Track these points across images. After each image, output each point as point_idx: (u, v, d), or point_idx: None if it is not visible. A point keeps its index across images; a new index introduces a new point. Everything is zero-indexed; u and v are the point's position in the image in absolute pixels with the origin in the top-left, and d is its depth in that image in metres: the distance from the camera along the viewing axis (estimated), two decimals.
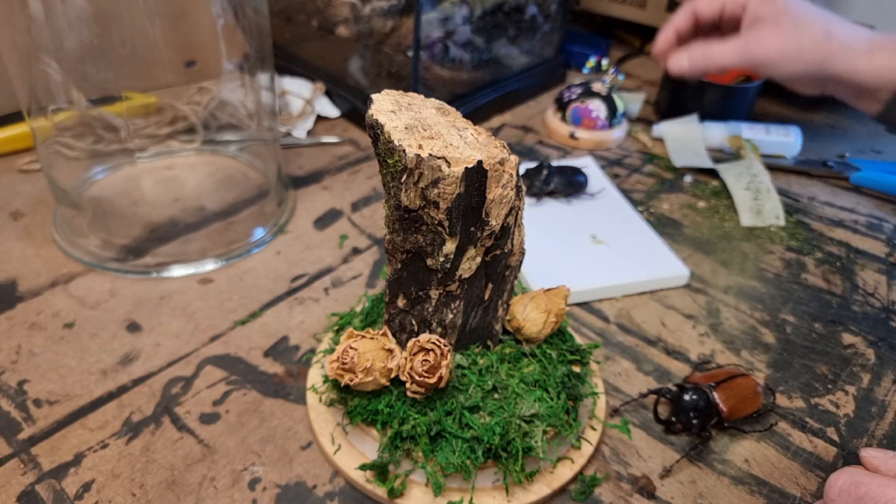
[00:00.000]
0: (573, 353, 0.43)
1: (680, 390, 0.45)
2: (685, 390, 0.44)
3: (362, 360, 0.38)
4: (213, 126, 0.68)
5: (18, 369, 0.46)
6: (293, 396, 0.46)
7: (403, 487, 0.39)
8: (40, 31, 0.50)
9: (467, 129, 0.34)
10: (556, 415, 0.39)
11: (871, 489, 0.31)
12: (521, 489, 0.40)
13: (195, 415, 0.44)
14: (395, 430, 0.38)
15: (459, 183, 0.32)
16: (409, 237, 0.35)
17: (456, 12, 0.74)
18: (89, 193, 0.62)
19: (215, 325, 0.51)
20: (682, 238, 0.64)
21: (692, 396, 0.44)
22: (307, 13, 0.81)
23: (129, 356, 0.48)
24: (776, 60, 0.63)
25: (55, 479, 0.40)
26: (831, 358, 0.52)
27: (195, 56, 0.63)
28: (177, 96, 0.66)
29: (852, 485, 0.31)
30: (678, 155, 0.76)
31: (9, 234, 0.59)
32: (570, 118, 0.79)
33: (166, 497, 0.39)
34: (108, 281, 0.55)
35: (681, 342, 0.52)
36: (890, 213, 0.70)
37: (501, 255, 0.38)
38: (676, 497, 0.41)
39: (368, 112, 0.33)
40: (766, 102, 0.90)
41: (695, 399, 0.44)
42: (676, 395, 0.44)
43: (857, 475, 0.32)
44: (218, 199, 0.63)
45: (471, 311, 0.39)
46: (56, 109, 0.56)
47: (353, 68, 0.79)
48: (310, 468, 0.41)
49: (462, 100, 0.79)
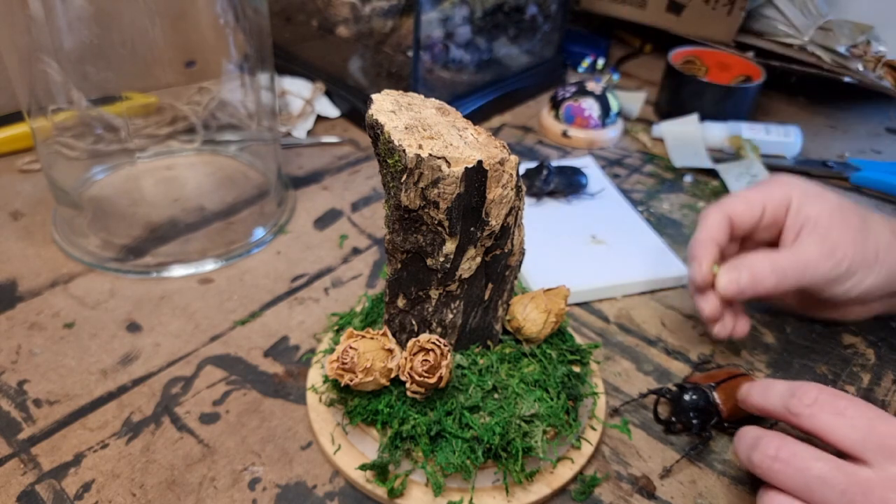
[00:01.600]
0: (573, 353, 0.43)
1: (680, 390, 0.45)
2: (685, 390, 0.44)
3: (362, 360, 0.38)
4: (213, 126, 0.68)
5: (18, 369, 0.46)
6: (293, 396, 0.46)
7: (403, 487, 0.39)
8: (40, 31, 0.50)
9: (467, 129, 0.34)
10: (556, 415, 0.39)
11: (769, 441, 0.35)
12: (521, 489, 0.40)
13: (195, 415, 0.44)
14: (395, 430, 0.38)
15: (459, 183, 0.32)
16: (409, 237, 0.35)
17: (456, 12, 0.74)
18: (89, 193, 0.62)
19: (215, 325, 0.51)
20: (682, 238, 0.64)
21: (692, 396, 0.44)
22: (307, 13, 0.81)
23: (129, 356, 0.48)
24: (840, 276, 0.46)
25: (55, 479, 0.40)
26: (831, 358, 0.52)
27: (195, 56, 0.63)
28: (177, 96, 0.66)
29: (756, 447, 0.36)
30: (678, 155, 0.76)
31: (9, 234, 0.59)
32: (562, 116, 0.79)
33: (166, 497, 0.39)
34: (108, 281, 0.55)
35: (681, 342, 0.52)
36: (890, 213, 0.70)
37: (501, 255, 0.38)
38: (676, 497, 0.41)
39: (368, 112, 0.33)
40: (766, 102, 0.90)
41: (695, 399, 0.44)
42: (676, 395, 0.44)
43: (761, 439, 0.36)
44: (218, 199, 0.63)
45: (471, 311, 0.39)
46: (56, 109, 0.56)
47: (353, 68, 0.79)
48: (310, 468, 0.41)
49: (462, 100, 0.79)
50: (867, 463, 0.33)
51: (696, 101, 0.81)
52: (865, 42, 0.78)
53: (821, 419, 0.35)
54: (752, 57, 0.85)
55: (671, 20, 0.92)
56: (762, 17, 0.85)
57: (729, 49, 0.87)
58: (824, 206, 0.46)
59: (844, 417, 0.34)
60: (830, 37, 0.80)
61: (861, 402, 0.35)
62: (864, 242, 0.46)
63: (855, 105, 0.92)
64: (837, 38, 0.80)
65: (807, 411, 0.35)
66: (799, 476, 0.34)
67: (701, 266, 0.46)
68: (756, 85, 0.80)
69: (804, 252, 0.45)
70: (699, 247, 0.47)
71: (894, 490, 0.31)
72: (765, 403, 0.38)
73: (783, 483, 0.34)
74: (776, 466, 0.34)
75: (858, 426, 0.34)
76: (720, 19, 0.87)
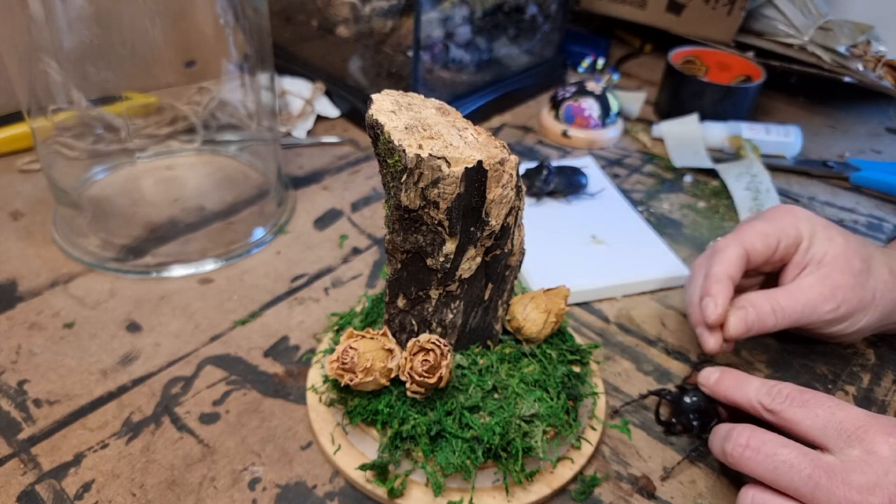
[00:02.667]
0: (573, 353, 0.43)
1: (680, 392, 0.45)
2: (685, 392, 0.44)
3: (362, 360, 0.38)
4: (213, 126, 0.68)
5: (18, 369, 0.46)
6: (293, 396, 0.46)
7: (403, 487, 0.39)
8: (40, 31, 0.50)
9: (467, 129, 0.34)
10: (556, 415, 0.39)
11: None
12: (521, 489, 0.40)
13: (195, 415, 0.44)
14: (395, 430, 0.38)
15: (459, 183, 0.32)
16: (409, 237, 0.35)
17: (456, 12, 0.74)
18: (89, 193, 0.62)
19: (215, 325, 0.51)
20: (682, 238, 0.64)
21: (692, 398, 0.44)
22: (307, 13, 0.81)
23: (129, 356, 0.48)
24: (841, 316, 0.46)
25: (55, 479, 0.40)
26: (831, 358, 0.52)
27: (195, 56, 0.63)
28: (177, 96, 0.66)
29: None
30: (678, 155, 0.76)
31: (9, 234, 0.59)
32: (562, 116, 0.79)
33: (166, 497, 0.39)
34: (108, 281, 0.55)
35: (681, 342, 0.52)
36: (890, 213, 0.70)
37: (501, 255, 0.38)
38: (676, 497, 0.41)
39: (368, 112, 0.33)
40: (766, 102, 0.90)
41: (695, 401, 0.44)
42: (677, 396, 0.44)
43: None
44: (218, 199, 0.63)
45: (471, 311, 0.39)
46: (56, 109, 0.56)
47: (353, 68, 0.79)
48: (310, 468, 0.41)
49: (462, 100, 0.79)
50: (830, 450, 0.35)
51: (696, 101, 0.81)
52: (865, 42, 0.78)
53: (789, 412, 0.37)
54: (752, 57, 0.85)
55: (671, 20, 0.92)
56: (762, 17, 0.85)
57: (729, 49, 0.87)
58: (830, 248, 0.47)
59: (808, 408, 0.37)
60: (830, 37, 0.80)
61: (823, 395, 0.37)
62: (863, 286, 0.46)
63: (855, 105, 0.92)
64: (837, 38, 0.80)
65: (779, 407, 0.38)
66: (768, 462, 0.35)
67: (717, 305, 0.45)
68: (756, 85, 0.80)
69: (804, 293, 0.46)
70: (716, 284, 0.46)
71: (854, 472, 0.33)
72: (737, 397, 0.40)
73: (753, 470, 0.36)
74: (747, 454, 0.36)
75: (820, 415, 0.36)
76: (720, 19, 0.87)
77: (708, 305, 0.46)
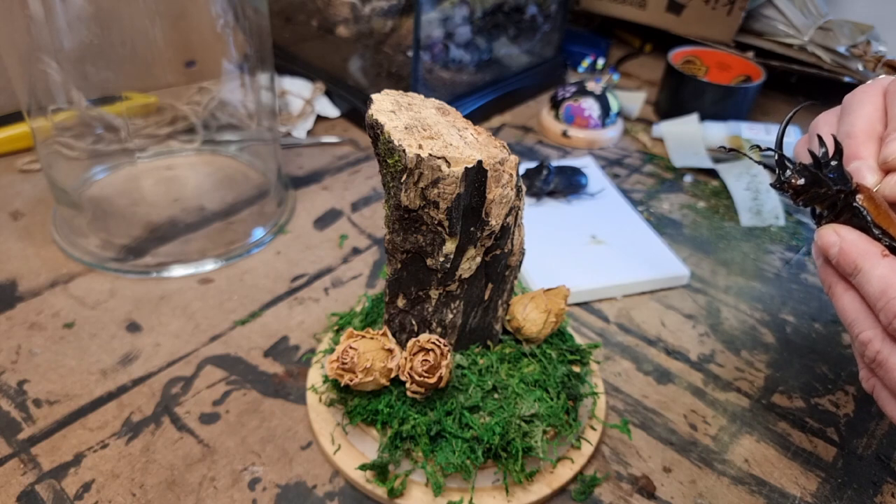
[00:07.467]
0: (573, 353, 0.43)
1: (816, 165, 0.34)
2: (825, 165, 0.34)
3: (362, 360, 0.38)
4: (213, 126, 0.68)
5: (18, 369, 0.46)
6: (293, 396, 0.46)
7: (403, 487, 0.39)
8: (40, 31, 0.50)
9: (467, 129, 0.34)
10: (556, 415, 0.39)
11: None
12: (521, 489, 0.40)
13: (195, 415, 0.44)
14: (395, 430, 0.38)
15: (459, 183, 0.32)
16: (409, 237, 0.35)
17: (456, 12, 0.74)
18: (89, 193, 0.62)
19: (215, 325, 0.51)
20: (682, 238, 0.64)
21: (833, 174, 0.34)
22: (307, 13, 0.81)
23: (129, 356, 0.48)
24: None
25: (55, 479, 0.40)
26: (831, 358, 0.52)
27: (195, 56, 0.63)
28: (177, 96, 0.66)
29: None
30: (678, 155, 0.76)
31: (9, 234, 0.59)
32: (562, 116, 0.79)
33: (166, 497, 0.39)
34: (108, 281, 0.55)
35: (681, 342, 0.52)
36: None
37: (501, 255, 0.38)
38: (676, 497, 0.41)
39: (368, 112, 0.33)
40: (766, 102, 0.90)
41: (835, 178, 0.34)
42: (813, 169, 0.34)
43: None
44: (218, 199, 0.63)
45: (471, 311, 0.39)
46: (56, 109, 0.56)
47: (353, 68, 0.79)
48: (310, 468, 0.41)
49: (462, 100, 0.79)
50: None
51: (696, 101, 0.81)
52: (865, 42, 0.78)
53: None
54: (752, 57, 0.85)
55: (671, 20, 0.92)
56: (762, 17, 0.85)
57: (729, 49, 0.87)
58: None
59: None
60: (830, 37, 0.80)
61: None
62: None
63: None
64: (837, 38, 0.80)
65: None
66: None
67: (870, 166, 0.35)
68: (756, 85, 0.80)
69: None
70: (857, 144, 0.36)
71: None
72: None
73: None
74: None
75: None
76: (720, 19, 0.87)
77: (860, 169, 0.35)
